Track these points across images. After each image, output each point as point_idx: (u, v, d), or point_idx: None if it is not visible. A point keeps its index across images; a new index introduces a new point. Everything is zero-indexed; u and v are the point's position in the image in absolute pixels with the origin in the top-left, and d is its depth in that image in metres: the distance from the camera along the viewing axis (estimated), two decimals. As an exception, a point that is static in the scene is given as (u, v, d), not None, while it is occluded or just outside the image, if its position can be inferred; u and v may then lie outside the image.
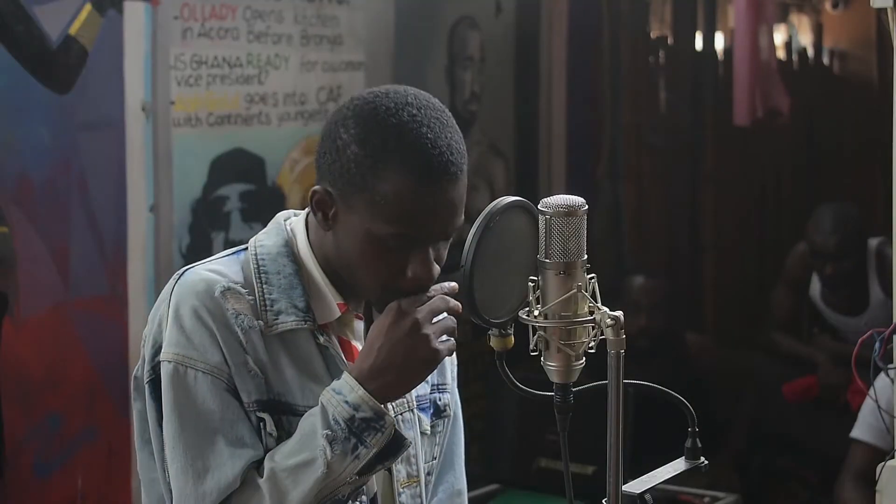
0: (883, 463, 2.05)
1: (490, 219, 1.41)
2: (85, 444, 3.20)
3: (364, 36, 4.01)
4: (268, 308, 1.61)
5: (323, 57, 3.87)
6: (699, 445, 1.50)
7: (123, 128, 3.26)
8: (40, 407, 3.09)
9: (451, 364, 1.81)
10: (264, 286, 1.62)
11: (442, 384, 1.80)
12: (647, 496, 1.39)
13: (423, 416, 1.74)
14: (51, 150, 3.10)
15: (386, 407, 1.58)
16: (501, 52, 4.69)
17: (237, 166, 3.62)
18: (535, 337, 1.38)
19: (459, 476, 1.84)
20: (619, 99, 5.09)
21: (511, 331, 1.47)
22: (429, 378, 1.72)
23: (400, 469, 1.69)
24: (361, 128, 1.56)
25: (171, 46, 3.38)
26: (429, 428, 1.76)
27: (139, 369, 1.66)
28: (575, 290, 1.35)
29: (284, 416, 1.60)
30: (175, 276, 1.65)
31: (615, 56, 5.06)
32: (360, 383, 1.56)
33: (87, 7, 3.14)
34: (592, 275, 1.38)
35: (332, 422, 1.55)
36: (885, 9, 1.99)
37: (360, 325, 1.68)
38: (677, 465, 1.49)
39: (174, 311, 1.60)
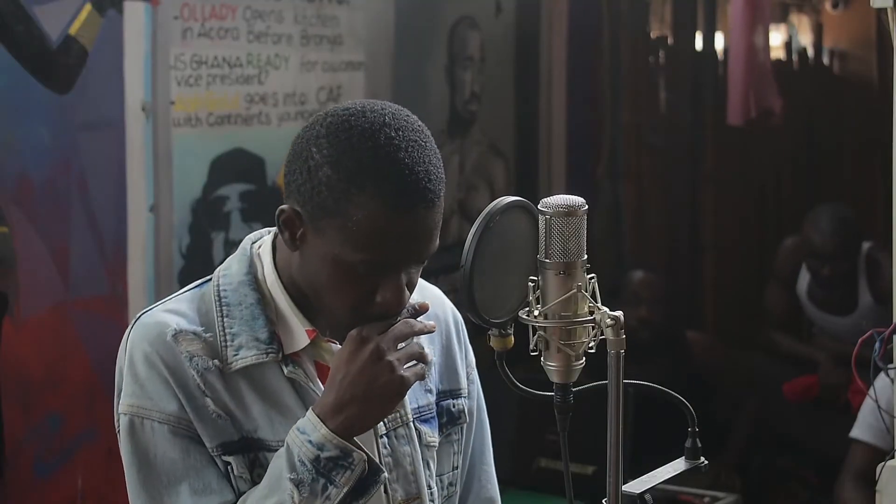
0: (883, 463, 2.05)
1: (490, 219, 1.41)
2: (85, 444, 3.20)
3: (364, 36, 4.01)
4: (228, 344, 1.55)
5: (323, 57, 3.87)
6: (699, 445, 1.50)
7: (123, 128, 3.27)
8: (40, 407, 3.09)
9: (463, 367, 1.75)
10: (225, 319, 1.56)
11: (454, 390, 1.73)
12: (647, 496, 1.39)
13: (426, 428, 1.67)
14: (51, 150, 3.10)
15: (355, 441, 1.51)
16: (501, 52, 4.69)
17: (237, 166, 3.62)
18: (535, 337, 1.38)
19: (486, 483, 1.79)
20: (619, 99, 5.09)
21: (511, 331, 1.46)
22: (433, 387, 1.68)
23: (396, 488, 1.62)
24: (335, 149, 1.47)
25: (171, 46, 3.38)
26: (436, 439, 1.68)
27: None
28: (575, 290, 1.34)
29: (260, 452, 1.55)
30: (133, 320, 1.60)
31: (615, 56, 5.06)
32: (322, 420, 1.49)
33: (87, 7, 3.14)
34: (592, 275, 1.38)
35: (298, 463, 1.48)
36: (885, 9, 1.99)
37: (336, 348, 1.59)
38: (677, 465, 1.49)
39: (129, 358, 1.57)
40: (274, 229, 1.62)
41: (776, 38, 5.27)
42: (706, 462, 1.50)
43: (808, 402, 4.38)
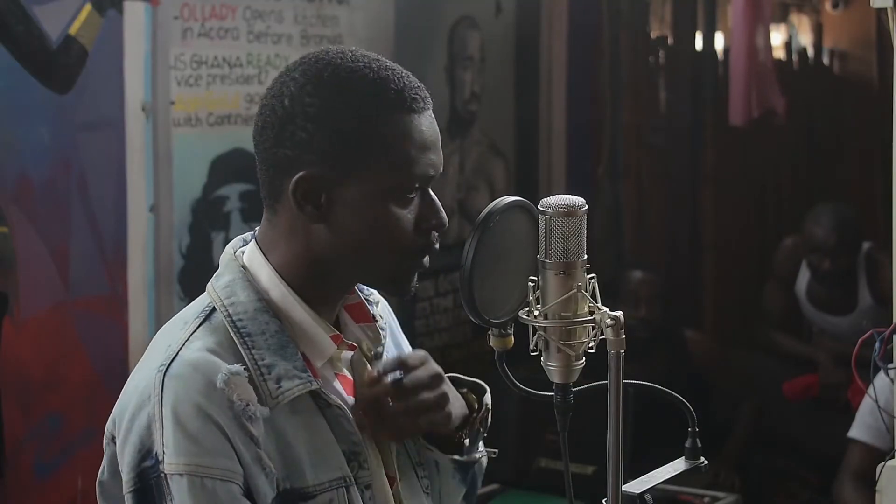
0: (883, 463, 2.05)
1: (490, 219, 1.40)
2: (85, 444, 3.20)
3: (364, 36, 4.01)
4: (266, 376, 1.42)
5: (323, 57, 3.87)
6: (699, 445, 1.50)
7: (123, 128, 3.26)
8: (40, 407, 3.09)
9: (396, 344, 1.67)
10: (254, 351, 1.43)
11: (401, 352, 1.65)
12: (647, 496, 1.39)
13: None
14: (51, 150, 3.10)
15: None
16: (501, 52, 4.69)
17: (237, 166, 3.62)
18: (535, 337, 1.38)
19: None
20: (619, 99, 5.10)
21: (511, 331, 1.46)
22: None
23: (406, 496, 1.57)
24: (326, 89, 1.43)
25: (171, 46, 3.38)
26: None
27: (103, 473, 1.49)
28: (575, 290, 1.34)
29: (298, 503, 1.43)
30: (158, 369, 1.41)
31: (615, 56, 5.06)
32: None
33: (87, 7, 3.14)
34: (592, 275, 1.38)
35: None
36: (885, 9, 1.99)
37: (347, 355, 1.53)
38: (677, 465, 1.49)
39: (173, 411, 1.38)
40: (244, 237, 1.55)
41: (776, 38, 5.27)
42: (706, 462, 1.50)
43: (808, 402, 4.38)
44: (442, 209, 1.48)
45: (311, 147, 1.43)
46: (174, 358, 1.42)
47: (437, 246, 1.49)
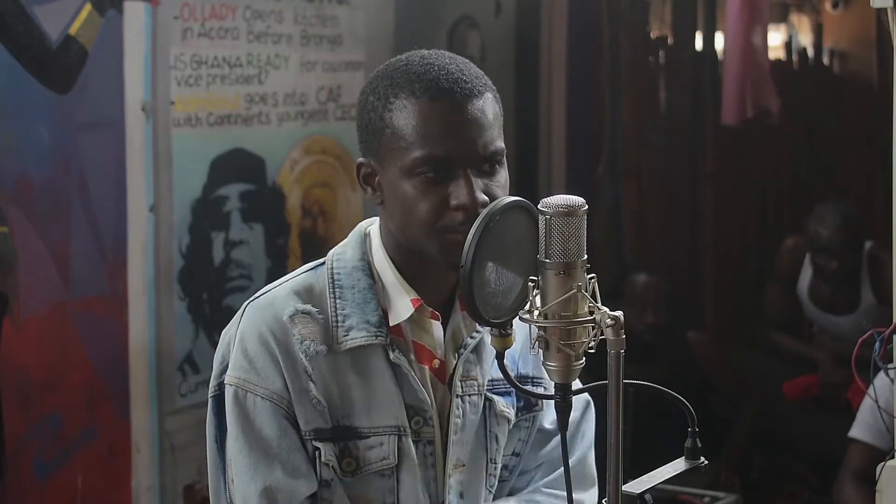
0: (883, 463, 2.05)
1: (490, 219, 1.41)
2: (85, 444, 3.20)
3: (364, 36, 4.01)
4: (339, 324, 1.61)
5: (323, 57, 3.87)
6: (699, 445, 1.50)
7: (123, 128, 3.27)
8: (40, 407, 3.09)
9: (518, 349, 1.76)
10: (337, 301, 1.63)
11: (537, 378, 1.75)
12: (647, 496, 1.39)
13: (500, 399, 1.70)
14: (51, 150, 3.10)
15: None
16: (501, 52, 4.69)
17: (237, 166, 3.62)
18: (535, 337, 1.38)
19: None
20: (619, 99, 5.10)
21: (511, 331, 1.47)
22: (513, 366, 1.70)
23: (455, 451, 1.66)
24: (376, 81, 1.61)
25: (171, 46, 3.38)
26: (512, 413, 1.71)
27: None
28: (575, 290, 1.34)
29: (351, 441, 1.61)
30: (250, 299, 1.66)
31: (615, 56, 5.06)
32: None
33: (87, 7, 3.14)
34: (592, 275, 1.37)
35: None
36: (885, 9, 1.99)
37: (437, 328, 1.65)
38: (677, 465, 1.49)
39: (241, 334, 1.62)
40: None
41: (776, 38, 5.27)
42: (706, 462, 1.50)
43: (808, 402, 4.38)
44: (471, 192, 1.54)
45: (360, 138, 1.63)
46: (264, 294, 1.65)
47: (463, 226, 1.53)
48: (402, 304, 1.62)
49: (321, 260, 1.70)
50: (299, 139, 3.82)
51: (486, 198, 1.54)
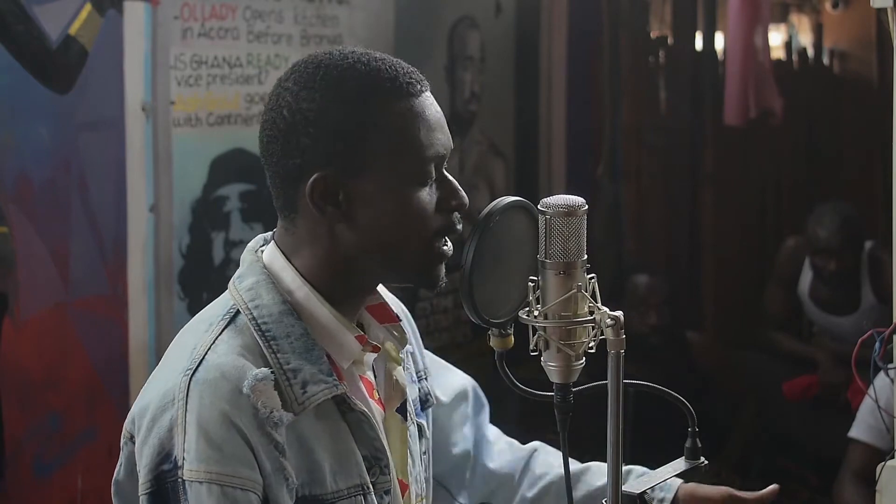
0: (883, 463, 2.05)
1: (490, 219, 1.40)
2: (85, 444, 3.20)
3: (364, 36, 4.01)
4: (291, 381, 1.40)
5: (323, 57, 3.87)
6: (699, 445, 1.50)
7: (123, 128, 3.27)
8: (40, 407, 3.09)
9: (419, 348, 1.68)
10: (278, 355, 1.41)
11: (420, 371, 1.66)
12: (648, 496, 1.39)
13: (423, 421, 1.62)
14: (51, 150, 3.10)
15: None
16: (501, 52, 4.69)
17: (237, 166, 3.62)
18: (535, 337, 1.38)
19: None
20: (618, 99, 5.10)
21: (511, 331, 1.46)
22: (410, 377, 1.61)
23: (414, 489, 1.56)
24: (320, 91, 1.42)
25: (171, 46, 3.38)
26: (430, 431, 1.64)
27: (119, 472, 1.49)
28: (575, 290, 1.34)
29: None
30: (184, 372, 1.40)
31: (615, 56, 5.06)
32: None
33: (87, 7, 3.14)
34: (592, 275, 1.37)
35: None
36: (885, 9, 1.98)
37: (370, 356, 1.51)
38: (677, 465, 1.49)
39: (198, 418, 1.36)
40: (265, 236, 1.54)
41: (776, 38, 5.28)
42: (706, 462, 1.50)
43: (808, 402, 4.38)
44: (461, 189, 1.47)
45: (316, 151, 1.42)
46: (200, 362, 1.40)
47: (460, 227, 1.48)
48: (349, 344, 1.45)
49: (227, 308, 1.47)
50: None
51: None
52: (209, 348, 1.41)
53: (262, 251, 1.51)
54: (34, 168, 3.06)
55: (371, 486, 1.46)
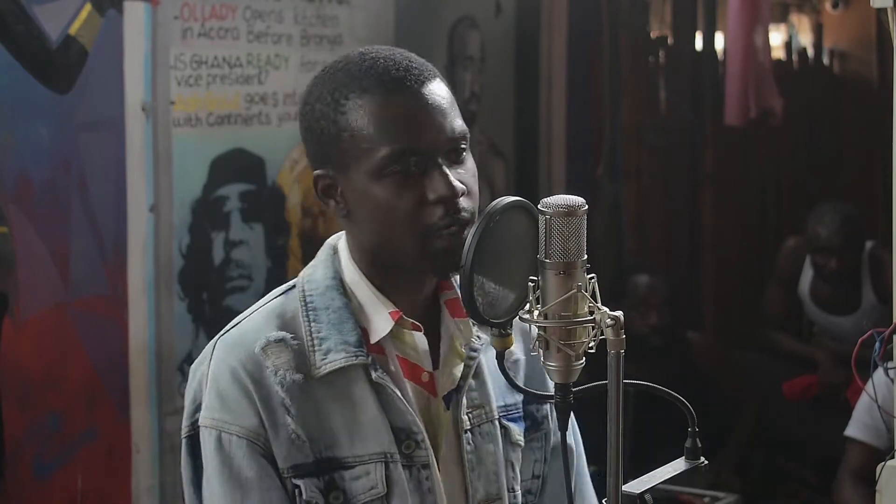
0: (883, 463, 2.05)
1: (490, 219, 1.40)
2: (85, 444, 3.20)
3: (364, 36, 4.01)
4: (316, 348, 1.53)
5: (323, 57, 3.87)
6: (699, 445, 1.49)
7: (123, 128, 3.27)
8: (40, 407, 3.09)
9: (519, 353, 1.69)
10: (312, 324, 1.54)
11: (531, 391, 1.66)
12: (647, 496, 1.39)
13: (513, 426, 1.64)
14: (51, 150, 3.10)
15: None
16: (501, 52, 4.69)
17: (237, 166, 3.62)
18: (535, 337, 1.38)
19: None
20: (618, 99, 5.10)
21: (511, 331, 1.46)
22: (520, 386, 1.61)
23: (478, 487, 1.59)
24: (319, 87, 1.53)
25: (171, 46, 3.38)
26: (522, 440, 1.65)
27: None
28: (575, 290, 1.34)
29: (336, 472, 1.51)
30: (220, 334, 1.58)
31: (615, 56, 5.06)
32: None
33: (87, 7, 3.14)
34: (592, 275, 1.37)
35: None
36: (885, 9, 1.98)
37: (421, 339, 1.57)
38: (677, 465, 1.49)
39: (213, 372, 1.53)
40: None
41: (776, 38, 5.28)
42: (706, 462, 1.50)
43: (808, 402, 4.38)
44: (450, 181, 1.48)
45: (311, 152, 1.54)
46: (234, 327, 1.57)
47: (461, 215, 1.49)
48: (381, 320, 1.54)
49: (292, 282, 1.61)
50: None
51: (464, 186, 1.49)
52: (248, 316, 1.58)
53: (341, 236, 1.63)
54: (34, 168, 3.06)
55: (397, 456, 1.53)
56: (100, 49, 3.18)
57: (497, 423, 1.62)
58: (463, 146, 1.52)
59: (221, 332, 1.58)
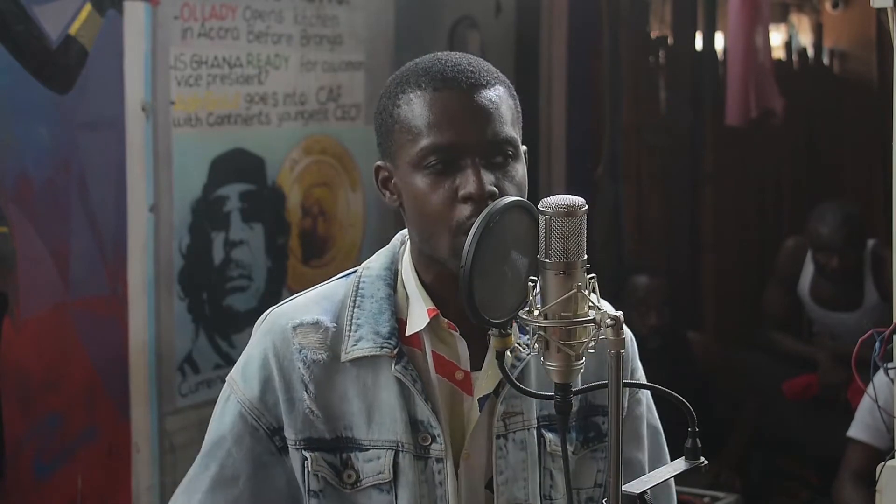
0: (883, 463, 2.05)
1: (490, 219, 1.41)
2: (85, 444, 3.20)
3: (364, 36, 4.01)
4: (351, 333, 1.61)
5: (323, 57, 3.87)
6: (699, 445, 1.50)
7: (123, 128, 3.27)
8: (40, 407, 3.09)
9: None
10: (355, 311, 1.63)
11: (606, 406, 1.68)
12: (648, 496, 1.39)
13: (551, 435, 1.64)
14: (51, 150, 3.10)
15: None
16: (501, 52, 4.69)
17: (237, 166, 3.62)
18: (535, 337, 1.38)
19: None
20: (619, 99, 5.10)
21: (511, 331, 1.47)
22: (577, 398, 1.62)
23: (503, 491, 1.61)
24: (389, 84, 1.62)
25: (171, 46, 3.38)
26: (560, 449, 1.62)
27: None
28: (575, 290, 1.34)
29: (352, 452, 1.60)
30: (275, 306, 1.70)
31: (615, 56, 5.06)
32: None
33: (87, 7, 3.14)
34: (592, 275, 1.37)
35: None
36: (885, 9, 1.98)
37: (459, 340, 1.60)
38: (677, 465, 1.49)
39: (254, 337, 1.67)
40: None
41: (776, 38, 5.28)
42: (706, 462, 1.50)
43: (808, 402, 4.39)
44: (480, 181, 1.52)
45: (377, 142, 1.63)
46: (286, 302, 1.67)
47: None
48: (419, 314, 1.60)
49: (352, 270, 1.69)
50: (299, 139, 3.82)
51: (494, 189, 1.52)
52: (303, 293, 1.68)
53: None
54: (34, 168, 3.06)
55: (409, 446, 1.58)
56: (100, 49, 3.18)
57: (535, 431, 1.63)
58: (509, 152, 1.57)
59: (277, 304, 1.68)
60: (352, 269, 1.69)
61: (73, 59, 3.12)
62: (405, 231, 1.67)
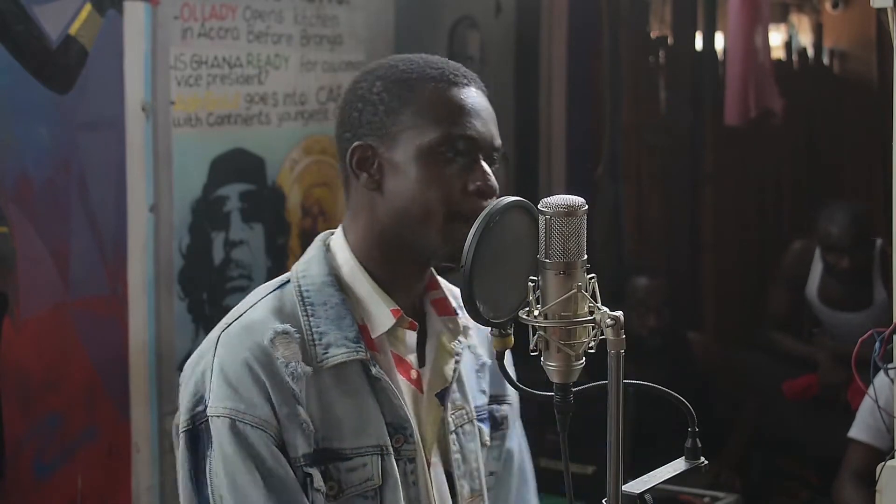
0: (883, 463, 2.05)
1: (490, 219, 1.40)
2: (85, 444, 3.20)
3: (364, 36, 4.01)
4: (316, 342, 1.58)
5: (323, 57, 3.87)
6: (699, 445, 1.49)
7: (123, 128, 3.27)
8: (40, 407, 3.09)
9: (486, 357, 1.78)
10: (311, 319, 1.59)
11: (500, 395, 1.77)
12: (647, 496, 1.39)
13: (483, 427, 1.72)
14: (51, 150, 3.10)
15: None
16: (501, 52, 4.69)
17: (237, 166, 3.62)
18: (535, 337, 1.38)
19: None
20: (619, 99, 5.09)
21: (511, 331, 1.46)
22: (486, 388, 1.71)
23: (464, 484, 1.66)
24: (384, 74, 1.62)
25: (171, 46, 3.38)
26: (489, 440, 1.73)
27: (178, 418, 1.64)
28: (575, 290, 1.34)
29: (332, 463, 1.57)
30: (219, 327, 1.61)
31: (615, 56, 5.06)
32: None
33: (87, 7, 3.14)
34: (592, 275, 1.37)
35: None
36: (885, 9, 1.98)
37: (412, 337, 1.64)
38: (677, 465, 1.49)
39: (220, 364, 1.56)
40: (337, 228, 1.69)
41: (776, 38, 5.27)
42: (706, 462, 1.50)
43: (808, 402, 4.38)
44: (492, 177, 1.58)
45: (361, 122, 1.61)
46: (236, 320, 1.60)
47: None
48: (382, 316, 1.60)
49: (283, 278, 1.66)
50: (299, 139, 3.82)
51: (498, 187, 1.59)
52: (248, 309, 1.61)
53: (333, 234, 1.70)
54: (34, 168, 3.06)
55: (392, 450, 1.59)
56: (100, 49, 3.18)
57: (476, 423, 1.70)
58: (496, 157, 1.63)
59: (222, 326, 1.60)
60: (280, 281, 1.65)
61: (73, 59, 3.12)
62: (324, 237, 1.68)
